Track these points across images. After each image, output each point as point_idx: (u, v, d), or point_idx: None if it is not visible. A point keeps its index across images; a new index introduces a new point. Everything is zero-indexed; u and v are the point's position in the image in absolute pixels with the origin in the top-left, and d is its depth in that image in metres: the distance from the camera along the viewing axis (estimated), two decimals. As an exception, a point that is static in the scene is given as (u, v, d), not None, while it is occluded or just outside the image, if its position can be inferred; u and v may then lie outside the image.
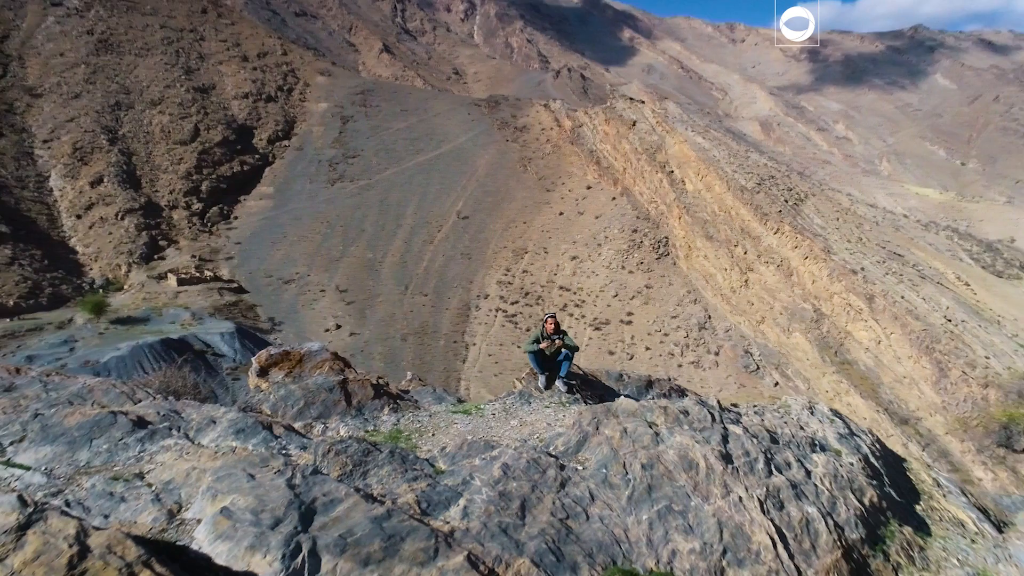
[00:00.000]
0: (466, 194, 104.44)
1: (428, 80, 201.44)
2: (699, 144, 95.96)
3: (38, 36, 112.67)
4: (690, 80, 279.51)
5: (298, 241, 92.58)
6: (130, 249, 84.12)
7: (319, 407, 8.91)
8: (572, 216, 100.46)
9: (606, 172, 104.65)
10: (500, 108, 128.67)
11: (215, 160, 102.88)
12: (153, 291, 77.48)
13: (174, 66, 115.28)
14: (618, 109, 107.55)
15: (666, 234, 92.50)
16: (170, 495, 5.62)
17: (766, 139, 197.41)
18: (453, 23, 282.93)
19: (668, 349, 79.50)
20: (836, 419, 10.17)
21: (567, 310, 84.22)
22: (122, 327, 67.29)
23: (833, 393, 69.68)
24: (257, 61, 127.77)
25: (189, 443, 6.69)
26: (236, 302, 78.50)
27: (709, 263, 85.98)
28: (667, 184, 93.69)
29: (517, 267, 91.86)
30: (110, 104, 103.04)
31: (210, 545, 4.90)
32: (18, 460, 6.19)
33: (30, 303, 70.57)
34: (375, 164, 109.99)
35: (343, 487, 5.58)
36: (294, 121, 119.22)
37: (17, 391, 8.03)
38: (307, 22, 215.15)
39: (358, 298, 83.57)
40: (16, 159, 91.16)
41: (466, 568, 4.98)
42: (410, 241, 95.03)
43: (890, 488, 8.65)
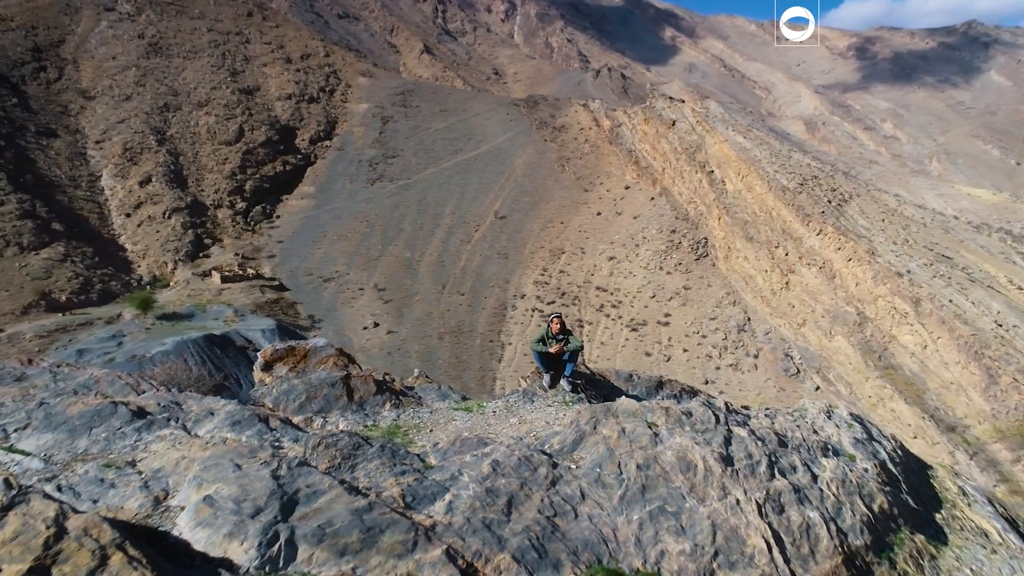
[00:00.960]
0: (504, 194, 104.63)
1: (468, 80, 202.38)
2: (740, 144, 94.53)
3: (92, 40, 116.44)
4: (732, 79, 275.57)
5: (338, 240, 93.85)
6: (176, 247, 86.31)
7: (320, 401, 9.05)
8: (610, 216, 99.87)
9: (645, 172, 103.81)
10: (539, 108, 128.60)
11: (259, 160, 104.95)
12: (198, 288, 79.26)
13: (220, 68, 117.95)
14: (657, 108, 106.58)
15: (705, 235, 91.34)
16: (158, 483, 5.80)
17: (810, 138, 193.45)
18: (493, 23, 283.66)
19: (706, 351, 78.48)
20: (855, 424, 9.93)
21: (603, 311, 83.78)
22: (168, 323, 69.02)
23: (876, 399, 68.06)
24: (300, 63, 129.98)
25: (185, 434, 6.89)
26: (277, 299, 79.82)
27: (749, 264, 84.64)
28: (707, 184, 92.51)
29: (554, 267, 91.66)
30: (159, 106, 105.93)
31: (190, 531, 5.03)
32: (20, 446, 6.46)
33: (81, 299, 72.82)
34: (414, 164, 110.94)
35: (327, 479, 5.68)
36: (335, 122, 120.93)
37: (27, 381, 8.36)
38: (350, 24, 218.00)
39: (396, 297, 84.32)
40: (70, 159, 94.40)
41: (443, 562, 5.02)
42: (448, 240, 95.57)
43: (907, 495, 8.42)
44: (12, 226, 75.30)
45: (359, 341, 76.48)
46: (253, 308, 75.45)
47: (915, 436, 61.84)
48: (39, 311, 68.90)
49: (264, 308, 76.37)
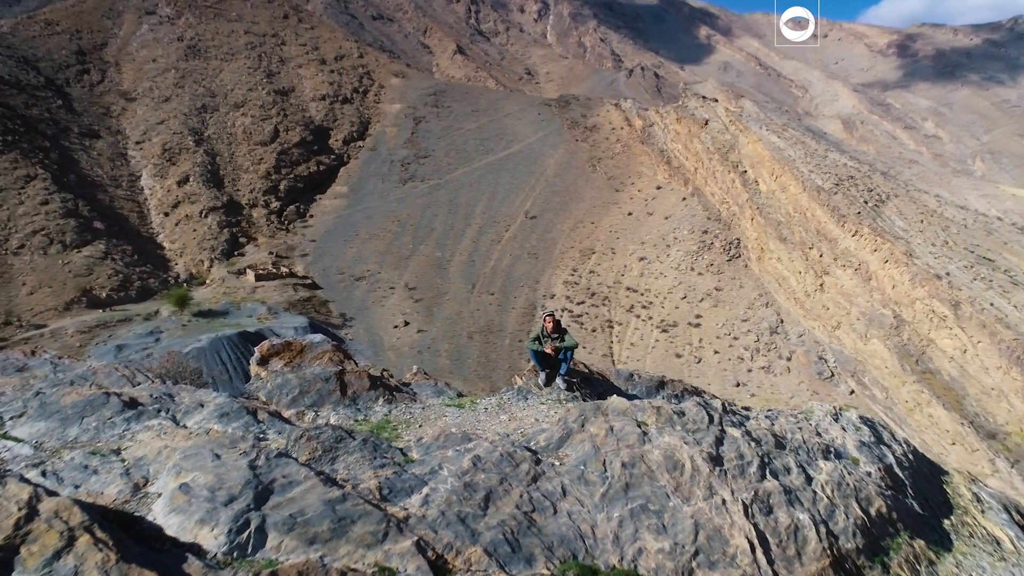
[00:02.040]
0: (534, 194, 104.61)
1: (500, 80, 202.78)
2: (774, 143, 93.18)
3: (133, 43, 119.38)
4: (768, 77, 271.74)
5: (370, 239, 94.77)
6: (212, 245, 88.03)
7: (313, 396, 9.20)
8: (641, 216, 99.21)
9: (677, 172, 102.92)
10: (570, 108, 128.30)
11: (293, 160, 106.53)
12: (233, 286, 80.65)
13: (256, 70, 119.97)
14: (690, 108, 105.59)
15: (738, 235, 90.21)
16: (139, 470, 5.98)
17: (848, 138, 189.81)
18: (526, 23, 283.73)
19: (738, 353, 77.48)
20: (863, 427, 9.76)
21: (633, 311, 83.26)
22: (203, 319, 70.54)
23: (913, 404, 66.52)
24: (334, 64, 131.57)
25: (173, 424, 7.10)
26: (310, 298, 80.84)
27: (782, 266, 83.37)
28: (740, 184, 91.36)
29: (584, 267, 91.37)
30: (197, 107, 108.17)
31: (164, 517, 5.19)
32: (14, 433, 6.73)
33: (121, 295, 74.70)
34: (446, 164, 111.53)
35: (304, 470, 5.80)
36: (368, 122, 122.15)
37: (28, 371, 8.68)
38: (383, 25, 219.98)
39: (426, 296, 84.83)
40: (111, 160, 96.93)
41: (412, 553, 5.10)
42: (478, 240, 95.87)
43: (912, 500, 8.26)
44: (56, 224, 77.49)
45: (389, 339, 77.14)
46: (286, 306, 76.61)
47: (953, 443, 60.34)
48: (81, 307, 70.83)
49: (297, 306, 77.42)
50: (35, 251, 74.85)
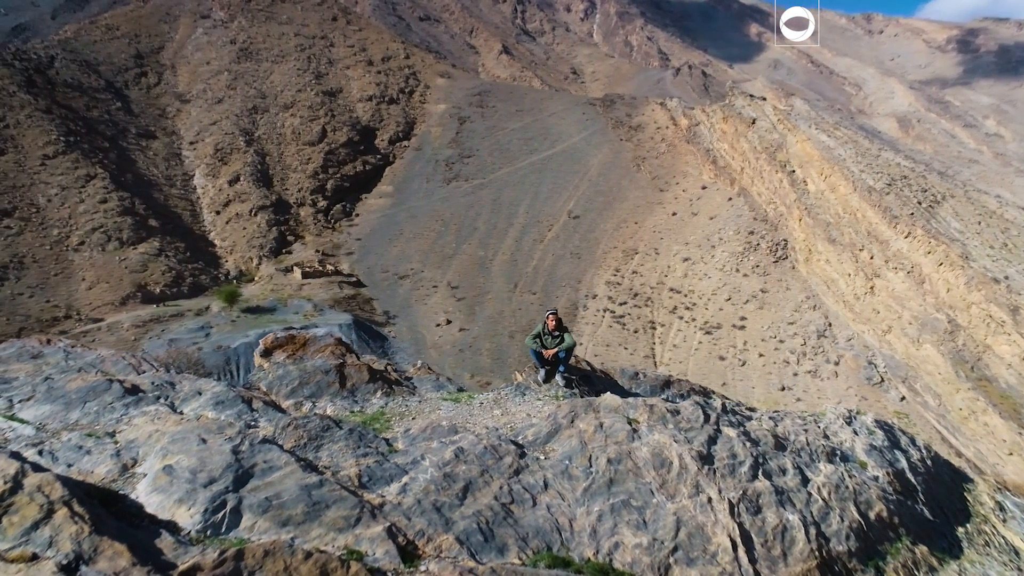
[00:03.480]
0: (578, 193, 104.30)
1: (546, 80, 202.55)
2: (823, 142, 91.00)
3: (188, 46, 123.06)
4: (820, 75, 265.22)
5: (414, 238, 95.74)
6: (261, 243, 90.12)
7: (312, 387, 9.45)
8: (685, 217, 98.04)
9: (722, 172, 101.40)
10: (615, 107, 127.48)
11: (340, 160, 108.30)
12: (280, 283, 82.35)
13: (305, 71, 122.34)
14: (737, 107, 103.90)
15: (785, 236, 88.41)
16: (129, 452, 6.32)
17: (904, 137, 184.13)
18: (572, 23, 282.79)
19: (783, 356, 75.95)
20: (878, 431, 9.58)
21: (677, 312, 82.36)
22: (251, 315, 72.23)
23: (968, 411, 64.28)
24: (381, 65, 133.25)
25: (169, 410, 7.45)
26: (354, 295, 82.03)
27: (831, 268, 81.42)
28: (787, 184, 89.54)
29: (627, 268, 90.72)
30: (248, 108, 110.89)
31: (146, 496, 5.51)
32: (21, 415, 7.18)
33: (173, 291, 77.01)
34: (489, 164, 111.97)
35: (285, 456, 6.04)
36: (414, 122, 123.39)
37: (42, 358, 9.17)
38: (430, 26, 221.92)
39: (468, 295, 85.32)
40: (166, 159, 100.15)
41: (383, 538, 5.27)
42: (521, 240, 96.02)
43: (922, 506, 8.09)
44: (113, 222, 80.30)
45: (432, 338, 77.84)
46: (331, 303, 77.90)
47: (1011, 452, 58.14)
48: (135, 302, 73.26)
49: (342, 303, 78.66)
50: (94, 248, 77.71)
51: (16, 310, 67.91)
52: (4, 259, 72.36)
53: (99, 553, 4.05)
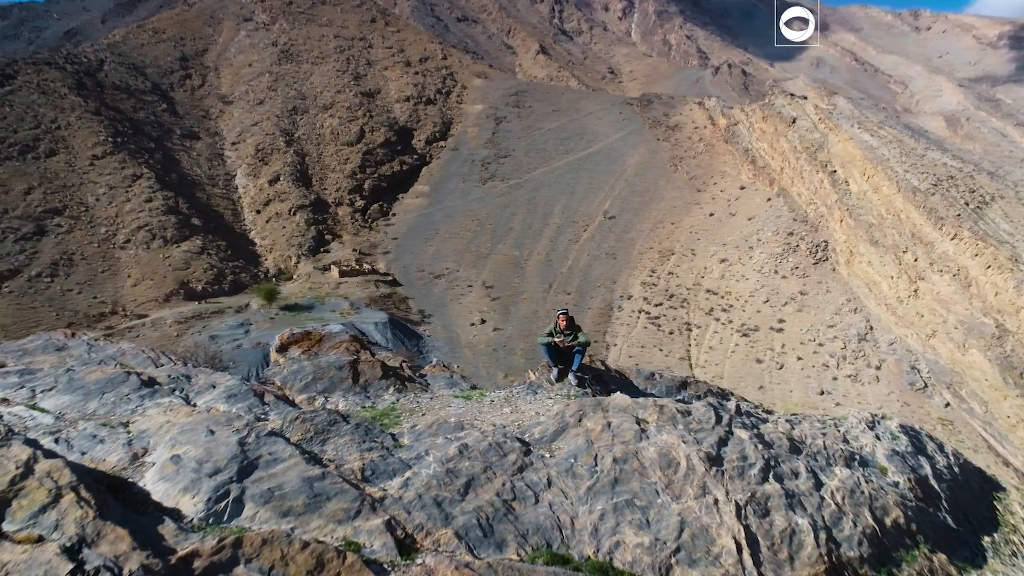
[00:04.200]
0: (614, 194, 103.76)
1: (583, 80, 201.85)
2: (866, 142, 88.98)
3: (231, 49, 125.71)
4: (864, 73, 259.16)
5: (449, 238, 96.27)
6: (300, 242, 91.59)
7: (326, 383, 9.60)
8: (723, 217, 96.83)
9: (761, 172, 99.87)
10: (652, 107, 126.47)
11: (377, 160, 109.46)
12: (318, 281, 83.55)
13: (344, 72, 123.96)
14: (776, 106, 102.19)
15: (825, 238, 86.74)
16: (141, 441, 6.53)
17: (952, 136, 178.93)
18: (610, 22, 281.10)
19: (822, 360, 74.51)
20: (902, 436, 9.35)
21: (713, 314, 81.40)
22: (290, 313, 73.33)
23: (1016, 419, 62.24)
24: (419, 66, 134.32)
25: (182, 403, 7.67)
26: (390, 294, 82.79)
27: (873, 270, 79.59)
28: (828, 185, 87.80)
29: (663, 268, 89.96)
30: (288, 109, 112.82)
31: (153, 484, 5.70)
32: (42, 405, 7.46)
33: (215, 288, 78.66)
34: (525, 163, 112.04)
35: (290, 449, 6.19)
36: (451, 122, 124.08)
37: (66, 351, 9.51)
38: (468, 27, 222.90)
39: (503, 294, 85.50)
40: (209, 160, 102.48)
41: (381, 530, 5.35)
42: (556, 240, 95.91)
43: (945, 514, 7.89)
44: (158, 221, 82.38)
45: (466, 337, 78.18)
46: (367, 302, 78.75)
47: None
48: (178, 299, 75.04)
49: (378, 302, 79.47)
50: (139, 245, 79.83)
51: (65, 305, 70.12)
52: (55, 256, 74.75)
53: (101, 537, 4.22)
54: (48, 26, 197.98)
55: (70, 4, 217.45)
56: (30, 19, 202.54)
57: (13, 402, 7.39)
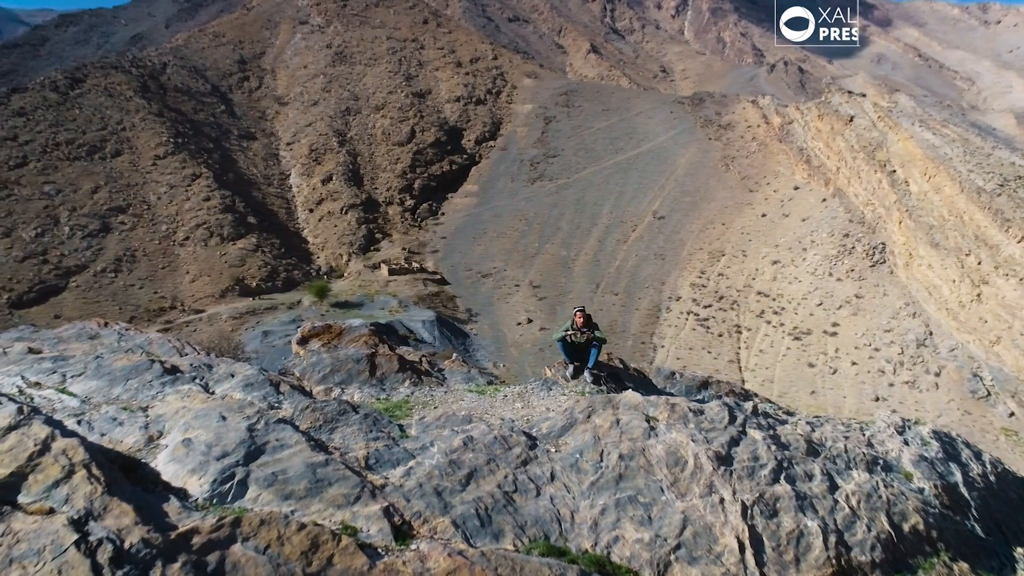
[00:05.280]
0: (663, 194, 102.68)
1: (634, 79, 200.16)
2: (928, 140, 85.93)
3: (287, 51, 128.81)
4: (928, 69, 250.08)
5: (497, 237, 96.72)
6: (351, 241, 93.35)
7: (343, 375, 9.83)
8: (776, 218, 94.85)
9: (816, 172, 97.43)
10: (704, 105, 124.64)
11: (427, 160, 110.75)
12: (368, 279, 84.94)
13: (396, 73, 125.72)
14: (833, 104, 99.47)
15: (883, 240, 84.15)
16: (156, 425, 6.84)
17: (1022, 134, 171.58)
18: (663, 20, 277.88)
19: (878, 366, 72.33)
20: (932, 442, 9.08)
21: (764, 317, 79.85)
22: (340, 310, 74.75)
23: (1086, 431, 59.54)
24: (470, 66, 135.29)
25: (201, 390, 7.98)
26: (438, 293, 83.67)
27: (933, 273, 76.85)
28: (887, 185, 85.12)
29: (712, 270, 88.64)
30: (341, 110, 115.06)
31: (164, 465, 5.98)
32: (71, 389, 7.88)
33: (268, 285, 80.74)
34: (574, 163, 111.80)
35: (297, 436, 6.39)
36: (500, 122, 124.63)
37: (98, 339, 9.98)
38: (519, 27, 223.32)
39: (550, 294, 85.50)
40: (265, 159, 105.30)
41: (379, 516, 5.49)
42: (604, 240, 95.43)
43: (975, 523, 7.65)
44: (216, 219, 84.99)
45: (512, 336, 78.42)
46: (416, 300, 79.72)
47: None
48: (234, 295, 77.28)
49: (426, 300, 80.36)
50: (197, 243, 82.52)
51: (128, 300, 72.95)
52: (119, 252, 77.86)
53: (107, 511, 4.50)
54: (116, 31, 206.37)
55: (136, 10, 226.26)
56: (99, 25, 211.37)
57: (45, 386, 7.85)
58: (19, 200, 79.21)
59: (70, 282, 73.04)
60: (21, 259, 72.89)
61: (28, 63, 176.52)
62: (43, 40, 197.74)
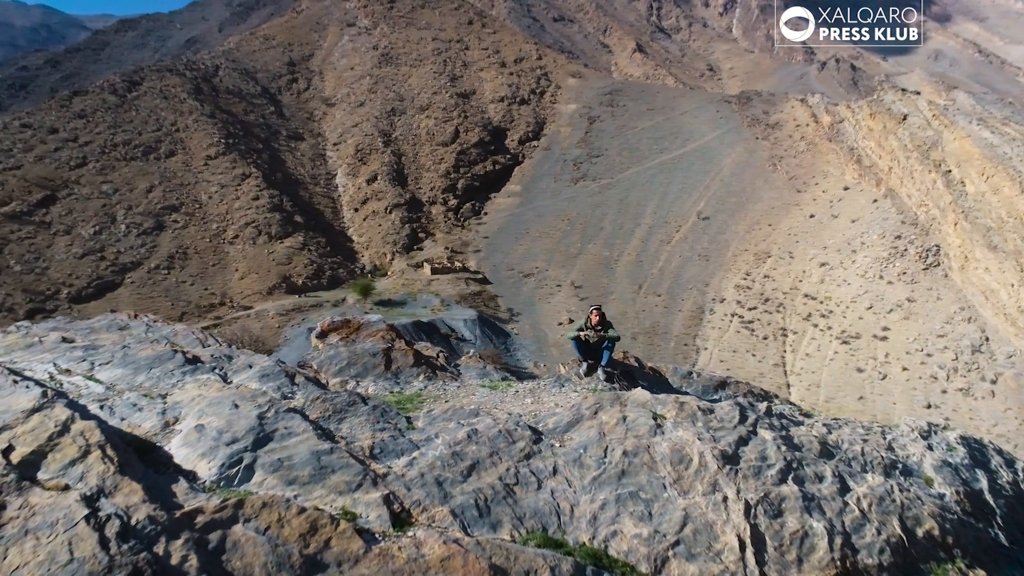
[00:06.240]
0: (708, 194, 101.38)
1: (680, 78, 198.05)
2: (985, 139, 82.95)
3: (335, 53, 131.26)
4: (989, 65, 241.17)
5: (539, 237, 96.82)
6: (394, 240, 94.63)
7: (359, 368, 10.08)
8: (824, 219, 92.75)
9: (867, 172, 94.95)
10: (751, 104, 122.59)
11: (471, 160, 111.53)
12: (411, 278, 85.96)
13: (441, 74, 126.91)
14: (886, 102, 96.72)
15: (937, 242, 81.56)
16: (173, 411, 7.16)
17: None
18: (711, 18, 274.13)
19: (930, 372, 70.21)
20: (959, 447, 8.87)
21: (811, 320, 78.27)
22: (383, 308, 75.79)
23: None
24: (514, 66, 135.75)
25: (219, 380, 8.32)
26: (480, 292, 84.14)
27: (991, 277, 74.19)
28: (942, 185, 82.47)
29: (758, 271, 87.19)
30: (387, 111, 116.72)
31: (176, 449, 6.29)
32: (97, 376, 8.30)
33: (314, 283, 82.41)
34: (618, 163, 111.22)
35: (305, 425, 6.62)
36: (544, 122, 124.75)
37: (127, 330, 10.45)
38: (564, 26, 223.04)
39: (592, 295, 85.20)
40: (312, 160, 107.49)
41: (378, 503, 5.66)
42: (647, 240, 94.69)
43: (999, 531, 7.45)
44: (264, 218, 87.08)
45: (553, 336, 78.42)
46: (458, 299, 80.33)
47: None
48: (280, 292, 79.06)
49: (467, 299, 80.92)
50: (246, 241, 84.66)
51: (180, 296, 75.24)
52: (172, 250, 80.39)
53: (118, 489, 4.80)
54: (172, 35, 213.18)
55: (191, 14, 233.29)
56: (156, 29, 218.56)
57: (74, 372, 8.30)
58: (79, 199, 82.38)
59: (125, 278, 75.69)
60: (80, 256, 75.79)
61: (89, 66, 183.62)
62: (103, 44, 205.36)
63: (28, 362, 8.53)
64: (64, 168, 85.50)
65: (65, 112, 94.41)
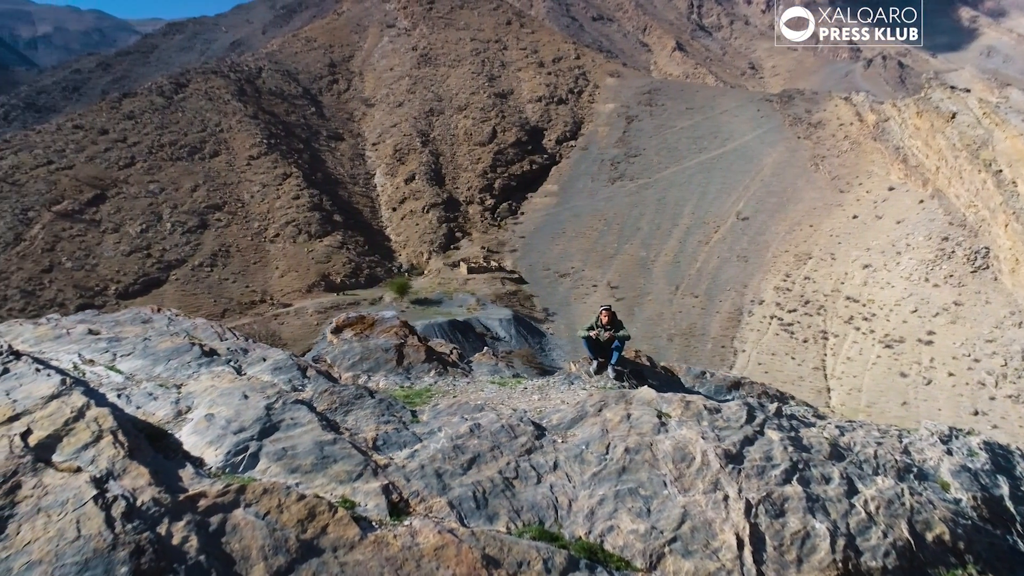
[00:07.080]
0: (748, 194, 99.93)
1: (720, 76, 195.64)
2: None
3: (375, 54, 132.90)
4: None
5: (576, 237, 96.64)
6: (431, 239, 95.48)
7: (371, 363, 10.31)
8: (868, 220, 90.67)
9: (914, 172, 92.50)
10: (793, 103, 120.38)
11: (508, 160, 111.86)
12: (447, 277, 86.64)
13: (479, 74, 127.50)
14: (934, 100, 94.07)
15: (986, 244, 79.09)
16: (186, 401, 7.46)
17: None
18: (753, 15, 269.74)
19: (978, 377, 68.14)
20: (980, 453, 8.67)
21: (853, 323, 76.66)
22: (420, 307, 76.56)
23: None
24: (552, 66, 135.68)
25: (233, 372, 8.64)
26: (515, 291, 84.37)
27: (1043, 280, 71.80)
28: (992, 186, 79.93)
29: (798, 273, 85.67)
30: (425, 111, 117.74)
31: (186, 436, 6.55)
32: (118, 367, 8.69)
33: (352, 281, 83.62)
34: (656, 163, 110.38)
35: (311, 416, 6.85)
36: (582, 122, 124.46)
37: (150, 323, 10.86)
38: (603, 26, 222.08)
39: (628, 295, 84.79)
40: (351, 159, 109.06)
41: (377, 492, 5.85)
42: (685, 241, 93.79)
43: (1016, 539, 7.33)
44: (304, 217, 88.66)
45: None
46: (493, 298, 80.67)
47: None
48: (319, 290, 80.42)
49: (503, 299, 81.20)
50: (287, 239, 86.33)
51: (222, 293, 77.06)
52: (215, 248, 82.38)
53: (126, 473, 5.07)
54: (217, 38, 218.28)
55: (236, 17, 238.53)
56: (202, 32, 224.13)
57: (97, 363, 8.71)
58: (127, 198, 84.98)
59: (170, 275, 77.85)
60: (128, 253, 78.16)
61: (138, 69, 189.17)
62: (152, 47, 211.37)
63: (55, 352, 8.95)
64: (113, 168, 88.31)
65: (115, 113, 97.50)
